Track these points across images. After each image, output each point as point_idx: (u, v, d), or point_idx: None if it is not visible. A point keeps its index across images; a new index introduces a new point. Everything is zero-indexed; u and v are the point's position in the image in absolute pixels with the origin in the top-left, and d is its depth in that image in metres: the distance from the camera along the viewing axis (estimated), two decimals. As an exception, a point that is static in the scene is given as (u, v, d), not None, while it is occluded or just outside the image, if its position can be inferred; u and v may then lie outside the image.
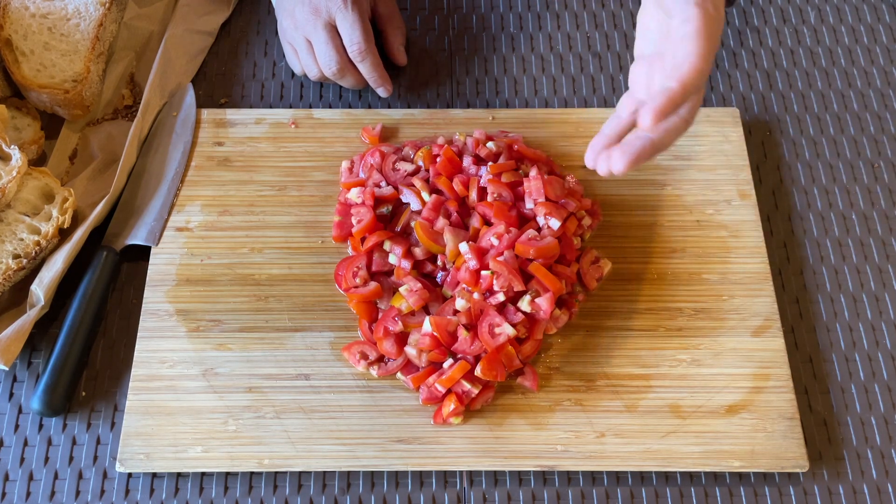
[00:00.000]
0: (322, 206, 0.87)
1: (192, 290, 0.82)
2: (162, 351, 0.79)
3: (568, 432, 0.76)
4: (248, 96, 0.96)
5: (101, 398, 0.79)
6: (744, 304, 0.82)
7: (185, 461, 0.75)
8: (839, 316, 0.84)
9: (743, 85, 0.97)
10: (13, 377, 0.80)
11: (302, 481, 0.76)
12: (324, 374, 0.78)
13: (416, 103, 0.95)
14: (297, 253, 0.84)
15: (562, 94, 0.96)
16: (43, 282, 0.79)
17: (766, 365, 0.79)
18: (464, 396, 0.75)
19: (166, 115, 0.92)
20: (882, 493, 0.76)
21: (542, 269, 0.78)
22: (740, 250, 0.85)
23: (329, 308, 0.82)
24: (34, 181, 0.84)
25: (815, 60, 0.99)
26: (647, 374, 0.78)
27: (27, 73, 0.89)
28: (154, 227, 0.85)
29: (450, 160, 0.85)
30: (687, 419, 0.76)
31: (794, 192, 0.90)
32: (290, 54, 0.94)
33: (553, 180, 0.83)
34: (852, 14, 1.02)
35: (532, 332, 0.77)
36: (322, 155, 0.90)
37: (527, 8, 1.02)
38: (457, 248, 0.80)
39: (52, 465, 0.76)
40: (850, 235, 0.88)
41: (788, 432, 0.76)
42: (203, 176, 0.88)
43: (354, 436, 0.76)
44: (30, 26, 0.91)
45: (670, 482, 0.76)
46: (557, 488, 0.76)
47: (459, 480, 0.76)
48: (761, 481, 0.76)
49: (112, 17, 0.93)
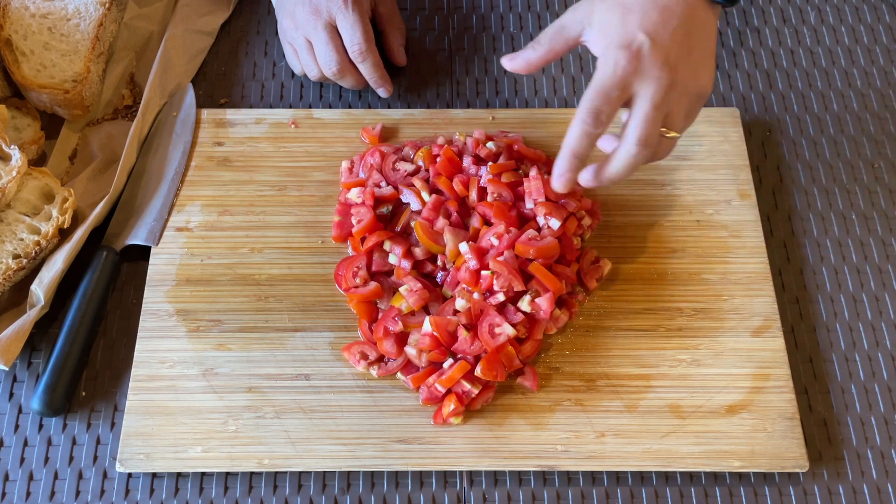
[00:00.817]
0: (322, 206, 0.87)
1: (192, 290, 0.82)
2: (162, 351, 0.79)
3: (568, 432, 0.76)
4: (248, 96, 0.96)
5: (101, 398, 0.79)
6: (744, 304, 0.82)
7: (185, 461, 0.75)
8: (839, 316, 0.84)
9: (743, 85, 0.97)
10: (13, 377, 0.80)
11: (302, 481, 0.76)
12: (324, 374, 0.78)
13: (416, 103, 0.95)
14: (297, 253, 0.84)
15: (562, 94, 0.96)
16: (43, 282, 0.79)
17: (766, 365, 0.79)
18: (464, 396, 0.75)
19: (166, 115, 0.92)
20: (882, 493, 0.76)
21: (542, 269, 0.78)
22: (740, 250, 0.85)
23: (329, 308, 0.82)
24: (34, 181, 0.84)
25: (815, 60, 0.99)
26: (647, 374, 0.78)
27: (27, 73, 0.89)
28: (154, 227, 0.85)
29: (450, 160, 0.85)
30: (687, 419, 0.76)
31: (794, 192, 0.90)
32: (290, 54, 0.94)
33: (553, 180, 0.83)
34: (852, 14, 1.02)
35: (532, 332, 0.77)
36: (322, 155, 0.90)
37: (527, 8, 1.02)
38: (457, 248, 0.80)
39: (52, 465, 0.76)
40: (850, 235, 0.88)
41: (788, 432, 0.76)
42: (203, 176, 0.88)
43: (354, 436, 0.76)
44: (30, 26, 0.91)
45: (670, 482, 0.76)
46: (557, 488, 0.76)
47: (459, 480, 0.76)
48: (761, 481, 0.76)
49: (112, 17, 0.93)
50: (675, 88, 0.72)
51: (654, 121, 0.72)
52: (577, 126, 0.72)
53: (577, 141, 0.73)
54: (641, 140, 0.71)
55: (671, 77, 0.71)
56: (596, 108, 0.71)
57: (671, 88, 0.71)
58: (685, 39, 0.72)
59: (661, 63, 0.71)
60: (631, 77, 0.71)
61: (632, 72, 0.71)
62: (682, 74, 0.72)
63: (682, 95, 0.73)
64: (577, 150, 0.73)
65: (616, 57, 0.71)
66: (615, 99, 0.71)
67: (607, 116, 0.71)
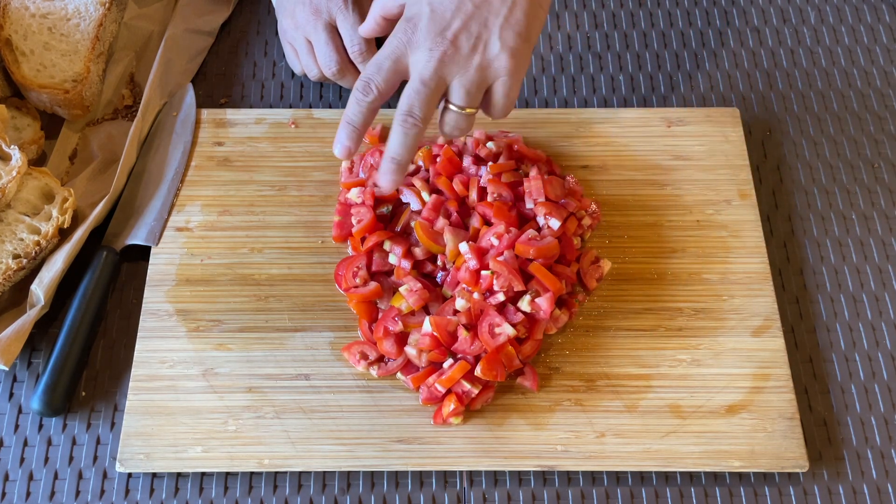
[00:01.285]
0: (322, 206, 0.87)
1: (192, 290, 0.82)
2: (162, 351, 0.79)
3: (568, 432, 0.76)
4: (248, 96, 0.96)
5: (101, 398, 0.79)
6: (744, 304, 0.82)
7: (185, 461, 0.75)
8: (839, 316, 0.84)
9: (743, 85, 0.97)
10: (13, 377, 0.80)
11: (302, 481, 0.76)
12: (324, 374, 0.78)
13: (416, 103, 0.95)
14: (297, 253, 0.84)
15: (562, 94, 0.96)
16: (43, 282, 0.79)
17: (766, 365, 0.79)
18: (464, 396, 0.75)
19: (166, 115, 0.92)
20: (882, 493, 0.76)
21: (542, 269, 0.78)
22: (740, 250, 0.85)
23: (329, 308, 0.82)
24: (34, 181, 0.84)
25: (815, 60, 0.99)
26: (647, 374, 0.78)
27: (27, 73, 0.89)
28: (154, 227, 0.85)
29: (450, 160, 0.85)
30: (687, 419, 0.76)
31: (794, 192, 0.90)
32: (290, 54, 0.94)
33: (553, 180, 0.83)
34: (852, 14, 1.02)
35: (532, 332, 0.77)
36: (322, 155, 0.90)
37: (527, 8, 1.02)
38: (457, 248, 0.80)
39: (52, 465, 0.76)
40: (850, 235, 0.88)
41: (788, 432, 0.76)
42: (203, 176, 0.88)
43: (354, 436, 0.76)
44: (30, 26, 0.91)
45: (670, 482, 0.76)
46: (557, 488, 0.76)
47: (459, 480, 0.76)
48: (761, 481, 0.76)
49: (112, 17, 0.93)
50: (453, 60, 0.71)
51: (420, 93, 0.71)
52: (351, 96, 0.73)
53: (350, 108, 0.73)
54: (405, 111, 0.72)
55: (444, 49, 0.71)
56: (366, 77, 0.73)
57: (446, 61, 0.71)
58: (476, 11, 0.71)
59: (435, 34, 0.71)
60: (404, 48, 0.72)
61: (406, 42, 0.71)
62: (461, 46, 0.71)
63: (463, 69, 0.72)
64: (350, 118, 0.74)
65: (396, 29, 0.72)
66: (387, 70, 0.72)
67: (377, 86, 0.72)
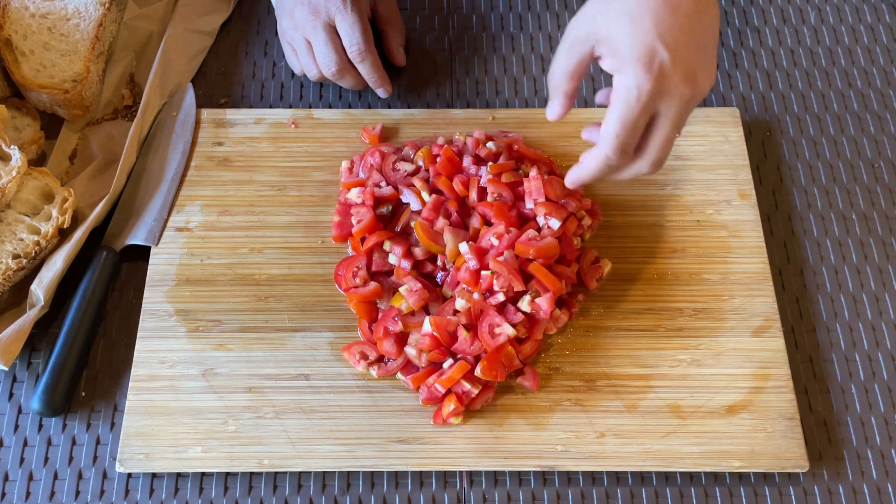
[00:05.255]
0: (322, 206, 0.87)
1: (191, 290, 0.82)
2: (162, 351, 0.79)
3: (568, 432, 0.76)
4: (247, 96, 0.96)
5: (101, 398, 0.79)
6: (744, 304, 0.82)
7: (184, 461, 0.75)
8: (839, 316, 0.84)
9: (743, 85, 0.97)
10: (13, 377, 0.80)
11: (302, 481, 0.76)
12: (324, 375, 0.78)
13: (416, 103, 0.95)
14: (297, 253, 0.84)
15: (562, 94, 0.96)
16: (43, 282, 0.79)
17: (766, 365, 0.79)
18: (464, 396, 0.75)
19: (166, 115, 0.92)
20: (882, 493, 0.76)
21: (542, 269, 0.78)
22: (740, 250, 0.85)
23: (329, 308, 0.82)
24: (34, 181, 0.84)
25: (815, 60, 0.99)
26: (647, 374, 0.78)
27: (27, 73, 0.89)
28: (154, 227, 0.85)
29: (450, 160, 0.85)
30: (687, 419, 0.76)
31: (794, 192, 0.90)
32: (289, 54, 0.94)
33: (553, 180, 0.83)
34: (852, 14, 1.02)
35: (532, 332, 0.77)
36: (322, 155, 0.90)
37: (527, 8, 1.02)
38: (457, 248, 0.80)
39: (51, 465, 0.76)
40: (850, 235, 0.88)
41: (788, 432, 0.76)
42: (203, 176, 0.88)
43: (354, 436, 0.76)
44: (30, 26, 0.91)
45: (670, 482, 0.76)
46: (557, 488, 0.76)
47: (459, 480, 0.76)
48: (761, 481, 0.76)
49: (112, 17, 0.93)
50: (695, 100, 0.68)
51: (672, 140, 0.69)
52: (601, 158, 0.69)
53: (601, 171, 0.71)
54: (656, 162, 0.70)
55: (692, 90, 0.67)
56: (624, 144, 0.67)
57: (692, 102, 0.68)
58: (699, 40, 0.67)
59: (683, 78, 0.66)
60: (656, 100, 0.66)
61: (656, 95, 0.66)
62: (700, 84, 0.67)
63: (695, 103, 0.69)
64: (599, 177, 0.72)
65: (639, 81, 0.65)
66: (642, 127, 0.67)
67: (634, 148, 0.69)
